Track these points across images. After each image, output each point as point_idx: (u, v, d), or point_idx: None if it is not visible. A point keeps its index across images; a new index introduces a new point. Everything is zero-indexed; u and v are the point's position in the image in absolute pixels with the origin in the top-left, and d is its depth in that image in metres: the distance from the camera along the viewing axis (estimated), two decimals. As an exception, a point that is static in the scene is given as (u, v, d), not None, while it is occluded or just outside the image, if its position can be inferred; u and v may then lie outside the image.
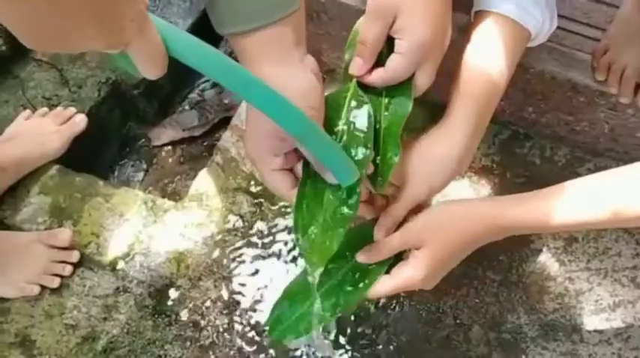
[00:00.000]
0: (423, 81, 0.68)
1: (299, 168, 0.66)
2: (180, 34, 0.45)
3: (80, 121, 1.11)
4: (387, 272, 0.71)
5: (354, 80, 0.69)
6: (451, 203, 0.72)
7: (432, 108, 0.73)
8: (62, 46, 0.39)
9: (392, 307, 0.95)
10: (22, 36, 0.36)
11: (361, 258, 0.71)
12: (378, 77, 0.67)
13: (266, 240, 1.01)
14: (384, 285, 0.70)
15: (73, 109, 1.13)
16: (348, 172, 0.62)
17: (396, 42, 0.65)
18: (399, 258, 0.72)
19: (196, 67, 0.46)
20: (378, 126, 0.68)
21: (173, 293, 0.96)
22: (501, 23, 0.71)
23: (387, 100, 0.69)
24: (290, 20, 0.58)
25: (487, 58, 0.71)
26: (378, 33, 0.65)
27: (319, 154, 0.59)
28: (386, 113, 0.69)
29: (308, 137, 0.56)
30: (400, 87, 0.68)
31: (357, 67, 0.67)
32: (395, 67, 0.66)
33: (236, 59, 0.53)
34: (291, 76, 0.59)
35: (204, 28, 0.69)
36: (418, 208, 0.72)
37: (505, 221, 0.68)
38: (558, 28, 0.97)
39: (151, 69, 0.44)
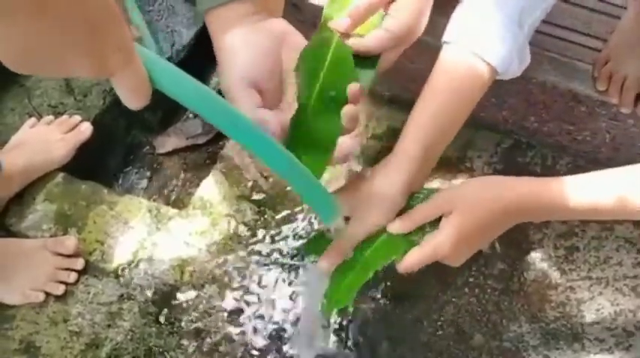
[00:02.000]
0: (388, 62, 0.70)
1: None
2: (165, 66, 0.46)
3: (85, 129, 1.12)
4: None
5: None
6: (486, 177, 0.72)
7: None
8: (47, 72, 0.39)
9: (393, 316, 0.95)
10: (7, 60, 0.37)
11: (394, 227, 0.69)
12: (358, 43, 0.67)
13: (269, 248, 1.02)
14: (412, 256, 0.68)
15: (78, 117, 1.14)
16: (329, 211, 0.62)
17: (387, 18, 0.67)
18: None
19: (180, 100, 0.47)
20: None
21: (177, 301, 0.97)
22: (465, 60, 0.71)
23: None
24: None
25: (443, 96, 0.71)
26: (376, 4, 0.67)
27: (302, 191, 0.60)
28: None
29: (291, 174, 0.56)
30: (367, 60, 0.69)
31: (343, 24, 0.66)
32: (374, 39, 0.67)
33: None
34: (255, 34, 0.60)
35: (208, 38, 0.70)
36: None
37: (535, 197, 0.69)
38: (559, 38, 0.98)
39: (133, 99, 0.44)
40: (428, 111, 0.72)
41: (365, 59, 0.68)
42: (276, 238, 1.02)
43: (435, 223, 0.69)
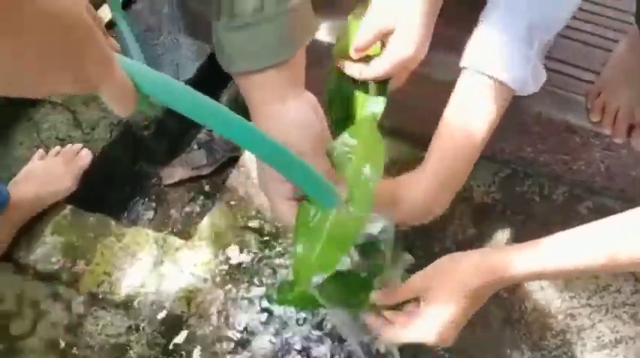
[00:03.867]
0: (399, 81, 0.76)
1: None
2: (146, 71, 0.47)
3: (86, 156, 1.16)
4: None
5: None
6: (456, 254, 0.74)
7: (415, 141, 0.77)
8: (30, 92, 0.39)
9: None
10: None
11: (380, 296, 0.75)
12: (379, 70, 0.74)
13: (274, 277, 1.04)
14: (394, 334, 0.73)
15: (79, 145, 1.17)
16: (330, 198, 0.64)
17: (386, 50, 0.73)
18: None
19: (164, 102, 0.48)
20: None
21: (184, 332, 0.99)
22: (484, 83, 0.75)
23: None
24: (289, 63, 0.62)
25: (465, 119, 0.75)
26: (372, 35, 0.73)
27: (300, 182, 0.61)
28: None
29: (287, 167, 0.58)
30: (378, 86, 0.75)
31: (348, 65, 0.75)
32: (380, 64, 0.73)
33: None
34: (287, 110, 0.63)
35: (212, 70, 0.74)
36: None
37: (506, 271, 0.70)
38: (554, 71, 1.01)
39: (120, 107, 0.45)
40: (451, 130, 0.75)
41: (376, 84, 0.74)
42: (281, 267, 1.04)
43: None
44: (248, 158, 1.15)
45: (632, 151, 0.98)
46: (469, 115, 0.75)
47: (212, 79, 1.21)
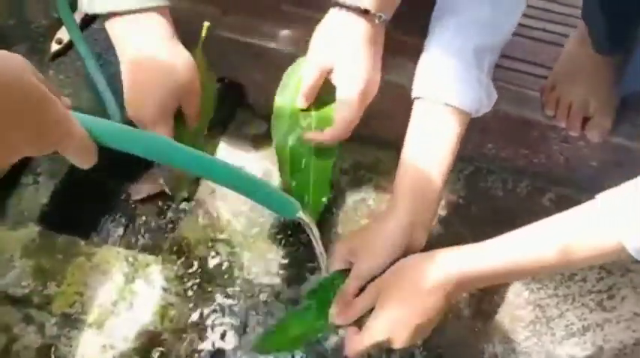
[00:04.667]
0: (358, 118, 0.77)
1: None
2: (101, 123, 0.49)
3: None
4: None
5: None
6: (411, 256, 0.74)
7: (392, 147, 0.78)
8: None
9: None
10: None
11: (337, 319, 0.75)
12: (329, 138, 0.72)
13: (247, 289, 1.04)
14: (353, 342, 0.74)
15: None
16: (288, 207, 0.67)
17: (337, 91, 0.72)
18: None
19: (121, 148, 0.50)
20: (308, 170, 0.76)
21: (159, 347, 0.99)
22: (441, 111, 0.76)
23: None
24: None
25: (426, 148, 0.76)
26: (318, 72, 0.72)
27: (256, 198, 0.65)
28: (314, 157, 0.76)
29: (242, 186, 0.60)
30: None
31: (302, 103, 0.76)
32: (338, 114, 0.72)
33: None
34: (163, 50, 0.75)
35: None
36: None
37: (460, 270, 0.70)
38: (508, 69, 1.03)
39: (83, 160, 0.47)
40: (414, 164, 0.76)
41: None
42: (255, 280, 1.05)
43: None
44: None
45: (589, 143, 1.01)
46: (431, 148, 0.76)
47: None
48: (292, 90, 0.79)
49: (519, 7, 0.79)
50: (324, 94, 0.78)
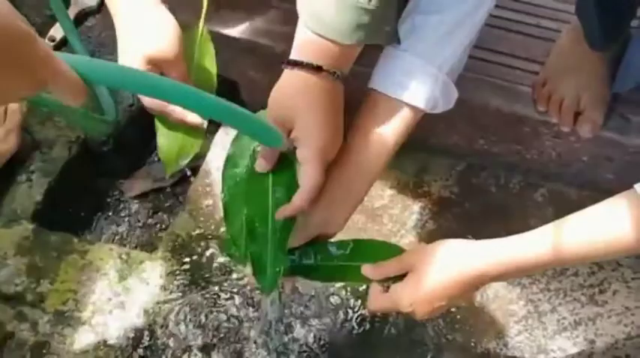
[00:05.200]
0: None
1: None
2: (83, 59, 0.51)
3: (15, 111, 1.15)
4: None
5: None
6: (451, 240, 0.75)
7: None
8: None
9: (360, 335, 0.98)
10: None
11: (367, 270, 0.75)
12: (299, 206, 0.71)
13: (240, 286, 1.04)
14: (376, 302, 0.76)
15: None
16: (272, 137, 0.68)
17: (297, 152, 0.70)
18: None
19: (103, 83, 0.53)
20: (266, 231, 0.72)
21: (152, 344, 0.99)
22: (389, 103, 0.75)
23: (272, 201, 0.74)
24: None
25: (369, 139, 0.75)
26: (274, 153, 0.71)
27: (242, 128, 0.67)
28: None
29: (226, 115, 0.62)
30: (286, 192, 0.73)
31: (260, 164, 0.73)
32: (304, 173, 0.70)
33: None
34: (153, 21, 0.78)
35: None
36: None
37: (495, 262, 0.70)
38: (500, 64, 1.04)
39: (74, 96, 0.49)
40: (355, 156, 0.76)
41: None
42: (246, 274, 1.05)
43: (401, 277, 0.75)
44: (209, 167, 1.16)
45: (580, 138, 1.01)
46: (375, 137, 0.75)
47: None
48: (246, 157, 0.77)
49: (484, 2, 0.77)
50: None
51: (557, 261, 0.69)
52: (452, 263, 0.72)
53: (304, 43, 0.69)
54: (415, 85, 0.74)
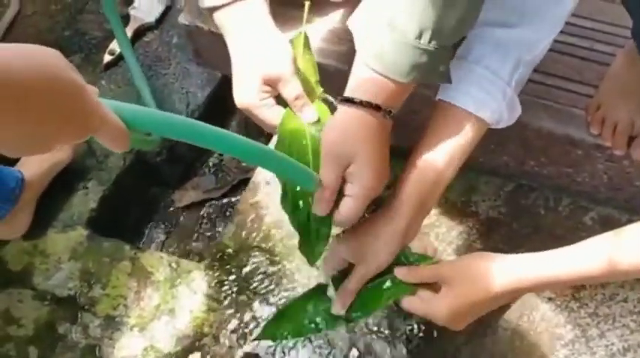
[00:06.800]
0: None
1: None
2: (130, 107, 0.52)
3: None
4: None
5: None
6: (488, 254, 0.76)
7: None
8: (36, 151, 0.44)
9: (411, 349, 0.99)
10: (3, 150, 0.42)
11: (401, 272, 0.77)
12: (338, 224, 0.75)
13: (285, 296, 1.06)
14: (413, 303, 0.77)
15: None
16: (310, 181, 0.70)
17: (348, 186, 0.73)
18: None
19: (151, 130, 0.54)
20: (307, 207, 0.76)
21: (198, 352, 1.01)
22: (457, 114, 0.77)
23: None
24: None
25: (438, 149, 0.77)
26: (336, 176, 0.72)
27: (280, 173, 0.70)
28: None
29: (265, 161, 0.64)
30: None
31: (321, 208, 0.73)
32: (347, 210, 0.73)
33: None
34: (267, 41, 0.80)
35: (222, 97, 0.81)
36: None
37: (530, 277, 0.72)
38: (554, 87, 1.03)
39: (117, 145, 0.50)
40: (423, 166, 0.77)
41: None
42: (292, 287, 1.06)
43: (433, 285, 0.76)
44: (258, 180, 1.18)
45: (633, 162, 1.00)
46: (443, 154, 0.77)
47: (222, 105, 1.24)
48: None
49: (557, 27, 0.79)
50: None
51: (607, 271, 0.69)
52: (482, 279, 0.73)
53: (363, 82, 0.72)
54: (483, 97, 0.75)
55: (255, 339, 1.01)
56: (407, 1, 0.66)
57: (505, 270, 0.73)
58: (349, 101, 0.71)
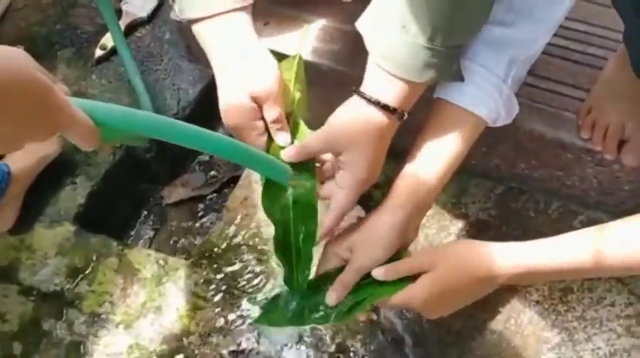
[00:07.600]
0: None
1: None
2: (98, 105, 0.52)
3: None
4: None
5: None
6: (471, 241, 0.76)
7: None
8: (10, 149, 0.45)
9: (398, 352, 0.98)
10: None
11: (378, 272, 0.75)
12: (329, 227, 0.76)
13: (272, 295, 1.05)
14: (390, 299, 0.75)
15: None
16: (282, 174, 0.72)
17: (340, 173, 0.74)
18: None
19: (121, 128, 0.54)
20: (290, 241, 0.77)
21: (184, 350, 1.00)
22: (455, 112, 0.77)
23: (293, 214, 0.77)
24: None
25: (435, 146, 0.77)
26: (319, 151, 0.74)
27: (255, 167, 0.71)
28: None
29: (238, 156, 0.65)
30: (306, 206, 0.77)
31: (289, 154, 0.75)
32: (339, 201, 0.74)
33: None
34: (252, 58, 0.78)
35: (213, 94, 0.80)
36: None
37: (513, 263, 0.72)
38: (546, 90, 1.03)
39: (86, 143, 0.51)
40: (420, 162, 0.77)
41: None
42: (279, 285, 1.05)
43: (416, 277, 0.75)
44: (247, 178, 1.18)
45: (623, 166, 1.00)
46: (440, 150, 0.77)
47: (213, 102, 1.23)
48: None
49: (553, 28, 0.79)
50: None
51: (591, 263, 0.69)
52: (465, 264, 0.73)
53: (378, 81, 0.72)
54: (479, 94, 0.76)
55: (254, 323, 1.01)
56: (418, 4, 0.66)
57: (489, 256, 0.73)
58: (366, 98, 0.72)
